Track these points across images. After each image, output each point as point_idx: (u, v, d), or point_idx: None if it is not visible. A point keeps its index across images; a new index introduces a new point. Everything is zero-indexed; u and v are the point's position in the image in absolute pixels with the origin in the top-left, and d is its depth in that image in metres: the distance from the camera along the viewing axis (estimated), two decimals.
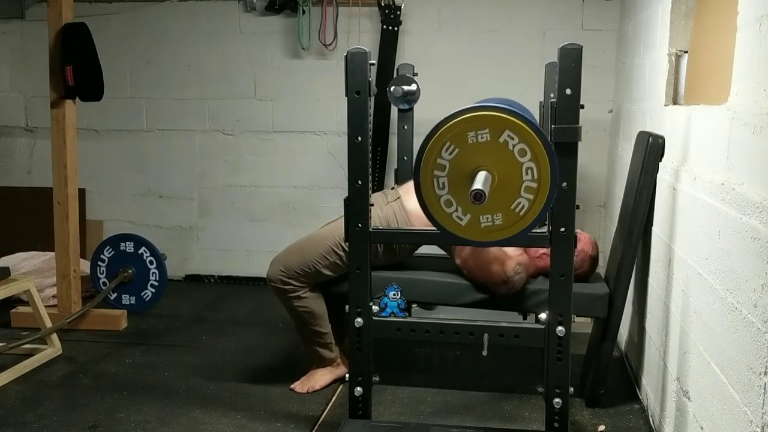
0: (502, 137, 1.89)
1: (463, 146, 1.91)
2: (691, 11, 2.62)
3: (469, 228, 1.97)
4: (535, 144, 1.89)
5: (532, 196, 1.92)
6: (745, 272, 1.59)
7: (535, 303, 2.63)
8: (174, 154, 4.56)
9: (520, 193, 1.92)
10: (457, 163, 1.92)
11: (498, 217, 1.95)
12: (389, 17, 4.09)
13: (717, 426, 1.79)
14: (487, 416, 2.70)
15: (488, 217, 1.95)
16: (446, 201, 1.96)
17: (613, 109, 4.07)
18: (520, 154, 1.90)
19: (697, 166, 2.12)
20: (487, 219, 1.95)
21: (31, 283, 3.26)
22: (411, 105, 3.39)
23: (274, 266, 2.82)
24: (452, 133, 1.91)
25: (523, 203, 1.92)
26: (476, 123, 1.90)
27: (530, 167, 1.90)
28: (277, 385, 2.94)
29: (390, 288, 2.25)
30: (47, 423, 2.62)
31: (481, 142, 1.90)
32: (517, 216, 1.94)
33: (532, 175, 1.90)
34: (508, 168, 1.90)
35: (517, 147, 1.89)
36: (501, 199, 1.92)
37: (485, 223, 1.96)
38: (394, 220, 2.76)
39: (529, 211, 1.93)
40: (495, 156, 1.90)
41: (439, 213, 1.97)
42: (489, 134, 1.90)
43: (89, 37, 3.47)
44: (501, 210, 1.94)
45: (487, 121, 1.90)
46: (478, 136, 1.90)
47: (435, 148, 1.93)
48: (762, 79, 1.54)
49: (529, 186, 1.91)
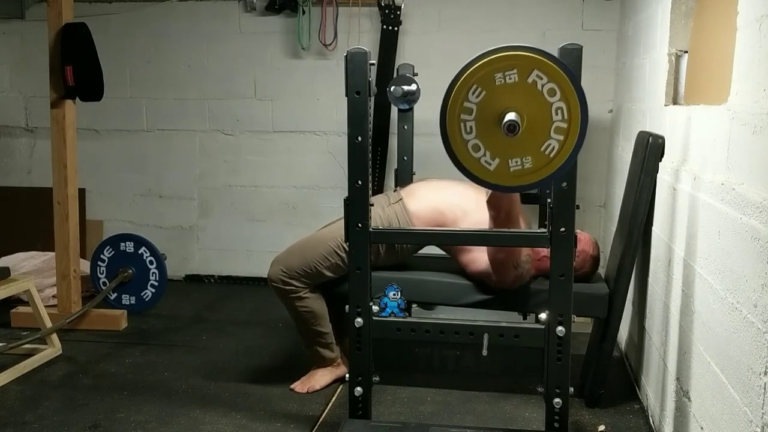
0: (531, 77, 1.82)
1: (491, 88, 1.84)
2: (691, 11, 2.62)
3: (497, 173, 1.90)
4: (565, 83, 1.82)
5: (563, 137, 1.85)
6: (745, 272, 1.59)
7: (535, 303, 2.63)
8: (174, 154, 4.56)
9: (550, 134, 1.85)
10: (485, 105, 1.85)
11: (527, 160, 1.88)
12: (389, 17, 4.09)
13: (717, 426, 1.79)
14: (487, 416, 2.70)
15: (517, 160, 1.88)
16: (474, 145, 1.88)
17: (613, 109, 4.07)
18: (550, 93, 1.83)
19: (697, 166, 2.12)
20: (517, 162, 1.88)
21: (31, 283, 3.26)
22: (411, 105, 3.39)
23: (275, 266, 2.82)
24: (479, 75, 1.84)
25: (554, 145, 1.86)
26: (504, 63, 1.83)
27: (560, 107, 1.83)
28: (277, 385, 2.94)
29: (390, 288, 2.25)
30: (47, 423, 2.62)
31: (509, 83, 1.83)
32: (547, 158, 1.87)
33: (562, 115, 1.84)
34: (538, 109, 1.84)
35: (547, 87, 1.83)
36: (530, 141, 1.85)
37: (514, 167, 1.89)
38: (396, 221, 2.76)
39: (560, 153, 1.86)
40: (524, 97, 1.83)
41: (466, 158, 1.89)
42: (517, 74, 1.83)
43: (89, 37, 3.47)
44: (531, 152, 1.87)
45: (515, 60, 1.83)
46: (506, 77, 1.83)
47: (461, 92, 1.85)
48: (762, 79, 1.54)
49: (559, 126, 1.85)
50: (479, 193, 2.67)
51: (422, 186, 2.95)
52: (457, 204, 2.75)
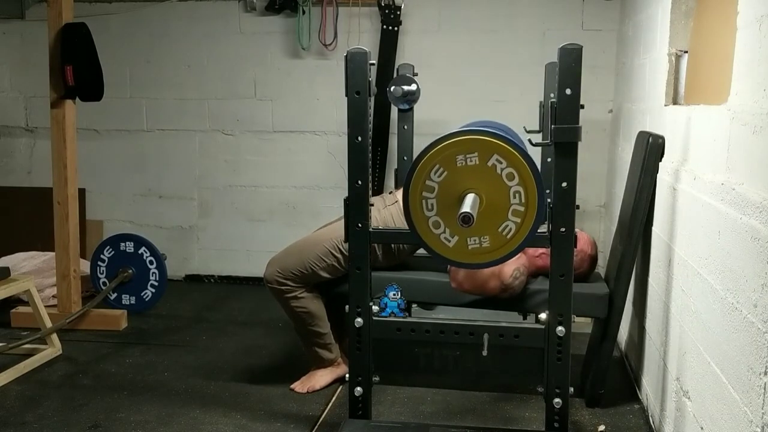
0: (491, 161, 1.94)
1: (452, 169, 1.96)
2: (691, 11, 2.62)
3: (456, 249, 2.01)
4: (523, 168, 1.93)
5: (520, 219, 1.97)
6: (745, 272, 1.59)
7: (535, 303, 2.63)
8: (174, 154, 4.56)
9: (508, 216, 1.97)
10: (446, 185, 1.97)
11: (485, 240, 1.99)
12: (389, 17, 4.09)
13: (717, 426, 1.79)
14: (487, 416, 2.70)
15: (476, 239, 1.99)
16: (434, 222, 2.00)
17: (613, 109, 4.07)
18: (508, 177, 1.94)
19: (697, 166, 2.12)
20: (475, 241, 1.99)
21: (31, 283, 3.26)
22: (411, 105, 3.39)
23: (271, 267, 2.82)
24: (441, 156, 1.96)
25: (511, 226, 1.97)
26: (465, 146, 1.95)
27: (518, 191, 1.95)
28: (277, 385, 2.94)
29: (390, 288, 2.25)
30: (47, 423, 2.62)
31: (470, 165, 1.95)
32: (504, 239, 1.98)
33: (519, 198, 1.95)
34: (497, 191, 1.95)
35: (506, 171, 1.94)
36: (489, 221, 1.97)
37: (473, 245, 2.00)
38: (391, 223, 2.76)
39: (517, 234, 1.98)
40: (483, 179, 1.95)
41: (427, 234, 2.01)
42: (478, 158, 1.95)
43: (89, 37, 3.47)
44: (488, 233, 1.98)
45: (476, 144, 1.94)
46: (467, 159, 1.95)
47: (424, 170, 1.97)
48: (762, 79, 1.54)
49: (516, 209, 1.96)
50: None
51: None
52: None
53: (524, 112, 3.61)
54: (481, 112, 3.60)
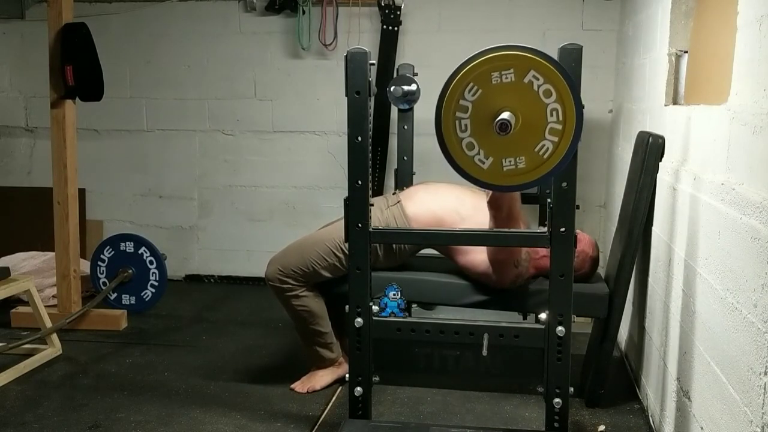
0: (527, 77, 1.82)
1: (487, 87, 1.84)
2: (691, 11, 2.62)
3: (491, 172, 1.90)
4: (561, 85, 1.82)
5: (557, 138, 1.85)
6: (745, 272, 1.59)
7: (535, 303, 2.63)
8: (174, 154, 4.56)
9: (545, 135, 1.85)
10: (480, 104, 1.85)
11: (521, 160, 1.88)
12: (389, 17, 4.09)
13: (717, 426, 1.79)
14: (487, 416, 2.70)
15: (511, 160, 1.88)
16: (468, 144, 1.88)
17: (613, 109, 4.07)
18: (545, 95, 1.83)
19: (697, 166, 2.12)
20: (510, 162, 1.88)
21: (31, 283, 3.26)
22: (411, 105, 3.39)
23: (272, 266, 2.82)
24: (475, 74, 1.84)
25: (548, 146, 1.86)
26: (500, 63, 1.83)
27: (555, 108, 1.83)
28: (277, 385, 2.94)
29: (390, 288, 2.25)
30: (47, 423, 2.62)
31: (505, 82, 1.83)
32: (540, 159, 1.87)
33: (557, 116, 1.84)
34: (533, 109, 1.84)
35: (543, 88, 1.82)
36: (525, 141, 1.85)
37: (508, 167, 1.88)
38: (393, 224, 2.76)
39: (554, 154, 1.86)
40: (519, 97, 1.83)
41: (460, 156, 1.89)
42: (514, 74, 1.83)
43: (89, 37, 3.47)
44: (524, 152, 1.87)
45: (511, 60, 1.83)
46: (502, 76, 1.83)
47: (457, 89, 1.85)
48: (762, 79, 1.54)
49: (553, 128, 1.85)
50: (476, 197, 2.68)
51: (420, 189, 2.95)
52: (454, 209, 2.75)
53: None
54: None
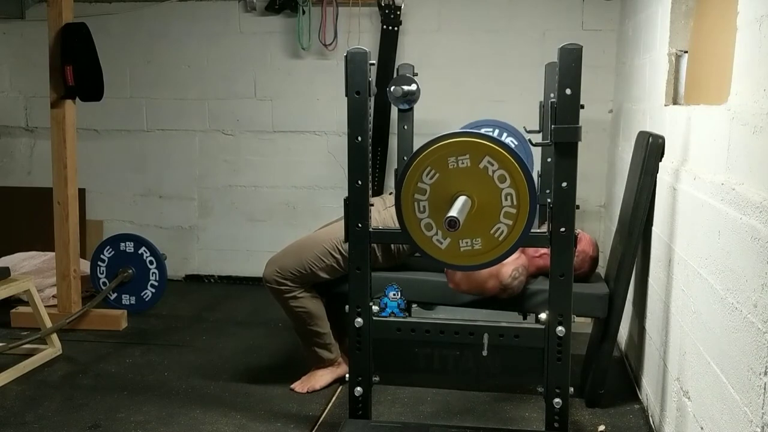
0: (482, 163, 1.93)
1: (444, 171, 1.95)
2: (691, 11, 2.62)
3: (448, 252, 2.01)
4: (515, 170, 1.92)
5: (512, 221, 1.96)
6: (745, 272, 1.59)
7: (535, 303, 2.63)
8: (174, 154, 4.56)
9: (500, 218, 1.96)
10: (438, 187, 1.96)
11: (477, 242, 1.99)
12: (389, 17, 4.09)
13: (717, 426, 1.79)
14: (487, 416, 2.70)
15: (468, 241, 1.99)
16: (426, 224, 2.00)
17: (613, 109, 4.07)
18: (500, 179, 1.94)
19: (697, 166, 2.12)
20: (467, 243, 1.99)
21: (31, 283, 3.26)
22: (411, 105, 3.39)
23: (269, 267, 2.82)
24: (433, 158, 1.95)
25: (503, 228, 1.96)
26: (457, 148, 1.94)
27: (510, 193, 1.94)
28: (277, 385, 2.94)
29: (390, 288, 2.25)
30: (47, 423, 2.62)
31: (461, 167, 1.94)
32: (496, 241, 1.98)
33: (511, 200, 1.94)
34: (488, 193, 1.94)
35: (497, 173, 1.93)
36: (480, 224, 1.96)
37: (465, 248, 2.00)
38: (392, 224, 2.76)
39: (509, 236, 1.97)
40: (475, 181, 1.94)
41: (419, 236, 2.01)
42: (469, 160, 1.94)
43: (89, 37, 3.47)
44: (480, 235, 1.98)
45: (467, 146, 1.93)
46: (458, 161, 1.94)
47: (416, 172, 1.96)
48: (762, 79, 1.54)
49: (508, 211, 1.95)
50: None
51: None
52: None
53: (524, 112, 3.60)
54: (481, 112, 3.61)
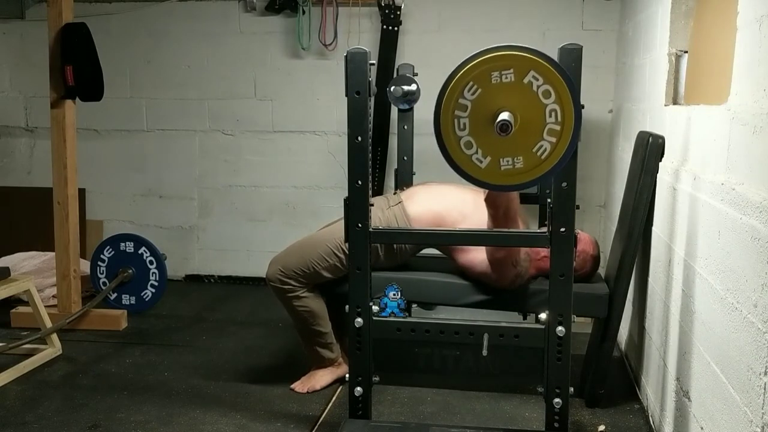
0: (527, 78, 1.83)
1: (487, 86, 1.85)
2: (691, 11, 2.62)
3: (488, 171, 1.91)
4: (560, 86, 1.83)
5: (555, 139, 1.86)
6: (745, 272, 1.59)
7: (535, 303, 2.63)
8: (174, 154, 4.56)
9: (543, 135, 1.86)
10: (480, 103, 1.86)
11: (519, 160, 1.89)
12: (389, 17, 4.09)
13: (717, 426, 1.79)
14: (487, 416, 2.70)
15: (509, 159, 1.89)
16: (466, 143, 1.89)
17: (613, 109, 4.07)
18: (545, 95, 1.84)
19: (697, 166, 2.12)
20: (508, 162, 1.89)
21: (31, 283, 3.26)
22: (411, 105, 3.39)
23: (273, 266, 2.82)
24: (475, 73, 1.85)
25: (546, 146, 1.87)
26: (500, 62, 1.84)
27: (554, 109, 1.84)
28: (277, 385, 2.94)
29: (390, 288, 2.25)
30: (47, 423, 2.62)
31: (505, 82, 1.84)
32: (538, 159, 1.88)
33: (555, 117, 1.85)
34: (532, 109, 1.85)
35: (542, 88, 1.84)
36: (523, 141, 1.86)
37: (505, 166, 1.90)
38: (395, 223, 2.76)
39: (551, 154, 1.87)
40: (519, 97, 1.84)
41: (458, 155, 1.90)
42: (513, 74, 1.84)
43: (89, 37, 3.47)
44: (522, 152, 1.88)
45: (511, 60, 1.84)
46: (502, 76, 1.84)
47: (457, 88, 1.86)
48: (762, 79, 1.54)
49: (552, 129, 1.86)
50: (478, 196, 2.67)
51: (421, 189, 2.95)
52: (455, 208, 2.75)
53: None
54: None
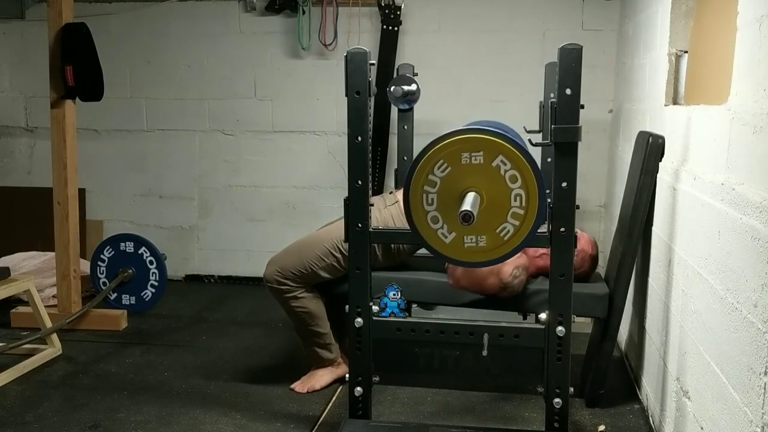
0: (496, 161, 1.94)
1: (456, 165, 1.96)
2: (691, 11, 2.62)
3: (452, 246, 2.02)
4: (527, 172, 1.94)
5: (518, 222, 1.97)
6: (745, 272, 1.59)
7: (535, 303, 2.63)
8: (174, 154, 4.56)
9: (507, 218, 1.97)
10: (448, 181, 1.97)
11: (482, 239, 2.00)
12: (389, 17, 4.09)
13: (717, 426, 1.79)
14: (487, 416, 2.70)
15: (473, 237, 2.00)
16: (433, 217, 2.01)
17: (613, 109, 4.07)
18: (512, 180, 1.95)
19: (697, 166, 2.12)
20: (472, 240, 2.00)
21: (31, 283, 3.26)
22: (411, 105, 3.40)
23: (270, 267, 2.82)
24: (447, 152, 1.96)
25: (509, 228, 1.98)
26: (472, 144, 1.95)
27: (519, 194, 1.96)
28: (277, 385, 2.94)
29: (390, 288, 2.25)
30: (47, 423, 2.62)
31: (474, 163, 1.96)
32: (501, 240, 1.99)
33: (520, 201, 1.96)
34: (498, 192, 1.96)
35: (509, 173, 1.95)
36: (487, 221, 1.97)
37: (469, 244, 2.01)
38: (392, 223, 2.76)
39: (514, 236, 1.98)
40: (486, 179, 1.96)
41: (425, 228, 2.02)
42: (483, 157, 1.95)
43: (89, 37, 3.47)
44: (486, 232, 1.99)
45: (482, 144, 1.95)
46: (472, 157, 1.95)
47: (428, 164, 1.98)
48: (762, 79, 1.54)
49: (516, 212, 1.97)
50: None
51: None
52: None
53: (524, 112, 3.61)
54: (481, 112, 3.60)
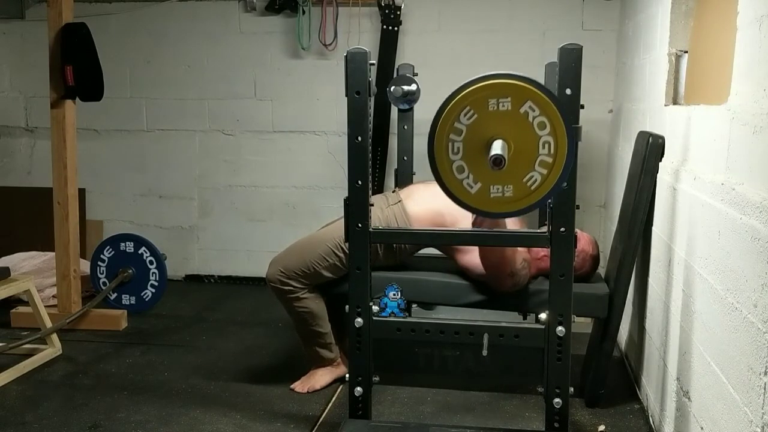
0: (523, 108, 1.85)
1: (483, 112, 1.87)
2: (691, 11, 2.62)
3: (478, 197, 1.93)
4: (556, 118, 1.84)
5: (546, 170, 1.88)
6: (745, 272, 1.59)
7: (535, 303, 2.63)
8: (174, 154, 4.56)
9: (535, 166, 1.88)
10: (475, 129, 1.88)
11: (509, 189, 1.90)
12: (389, 17, 4.09)
13: (717, 426, 1.79)
14: (487, 416, 2.70)
15: (499, 187, 1.91)
16: (458, 167, 1.91)
17: (613, 109, 4.07)
18: (540, 126, 1.86)
19: (697, 166, 2.12)
20: (498, 189, 1.91)
21: (31, 283, 3.26)
22: (411, 105, 3.39)
23: (273, 267, 2.82)
24: (473, 98, 1.87)
25: (536, 177, 1.89)
26: (499, 90, 1.86)
27: (547, 141, 1.86)
28: (277, 385, 2.94)
29: (390, 288, 2.25)
30: (47, 423, 2.62)
31: (501, 110, 1.86)
32: (528, 189, 1.90)
33: (548, 149, 1.87)
34: (526, 139, 1.86)
35: (537, 119, 1.85)
36: (514, 170, 1.88)
37: (495, 194, 1.92)
38: (394, 222, 2.76)
39: (541, 185, 1.89)
40: (513, 126, 1.86)
41: (449, 179, 1.93)
42: (510, 103, 1.85)
43: (89, 37, 3.47)
44: (513, 181, 1.90)
45: (510, 89, 1.85)
46: (499, 103, 1.86)
47: (453, 111, 1.88)
48: (762, 79, 1.54)
49: (544, 160, 1.87)
50: None
51: (421, 188, 2.94)
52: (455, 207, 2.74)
53: None
54: None
